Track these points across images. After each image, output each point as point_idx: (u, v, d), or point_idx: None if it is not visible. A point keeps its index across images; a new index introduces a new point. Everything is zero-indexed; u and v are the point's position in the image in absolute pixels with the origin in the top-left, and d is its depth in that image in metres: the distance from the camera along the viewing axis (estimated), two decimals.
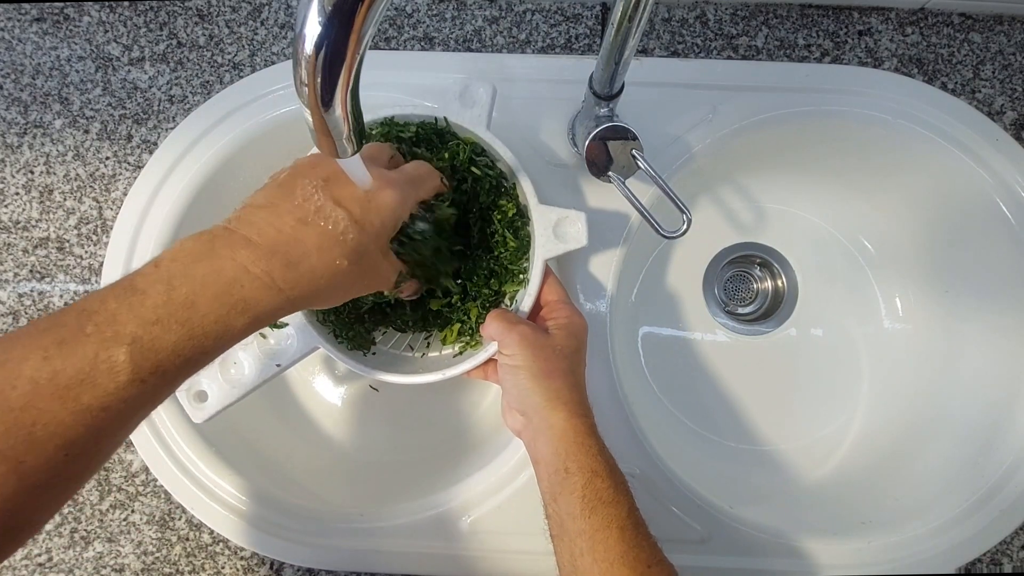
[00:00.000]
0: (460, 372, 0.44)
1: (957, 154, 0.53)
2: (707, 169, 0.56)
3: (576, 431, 0.37)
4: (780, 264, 0.64)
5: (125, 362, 0.26)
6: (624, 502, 0.36)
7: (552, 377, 0.39)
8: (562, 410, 0.38)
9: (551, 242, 0.43)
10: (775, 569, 0.50)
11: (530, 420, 0.39)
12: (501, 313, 0.42)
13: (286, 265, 0.31)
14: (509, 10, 0.56)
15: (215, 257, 0.30)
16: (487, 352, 0.43)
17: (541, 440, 0.38)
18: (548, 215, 0.43)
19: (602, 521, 0.35)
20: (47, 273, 0.55)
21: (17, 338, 0.27)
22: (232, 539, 0.51)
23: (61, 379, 0.26)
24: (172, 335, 0.28)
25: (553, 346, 0.40)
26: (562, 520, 0.36)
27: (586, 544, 0.35)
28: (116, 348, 0.26)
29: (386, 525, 0.50)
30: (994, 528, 0.50)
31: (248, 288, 0.30)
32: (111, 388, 0.26)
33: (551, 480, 0.37)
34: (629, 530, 0.35)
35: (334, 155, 0.29)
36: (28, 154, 0.55)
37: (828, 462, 0.60)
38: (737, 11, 0.56)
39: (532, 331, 0.40)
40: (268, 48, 0.56)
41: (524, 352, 0.39)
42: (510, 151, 0.44)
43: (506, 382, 0.40)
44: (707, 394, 0.62)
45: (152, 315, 0.27)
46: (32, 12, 0.56)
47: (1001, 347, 0.56)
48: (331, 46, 0.23)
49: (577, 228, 0.43)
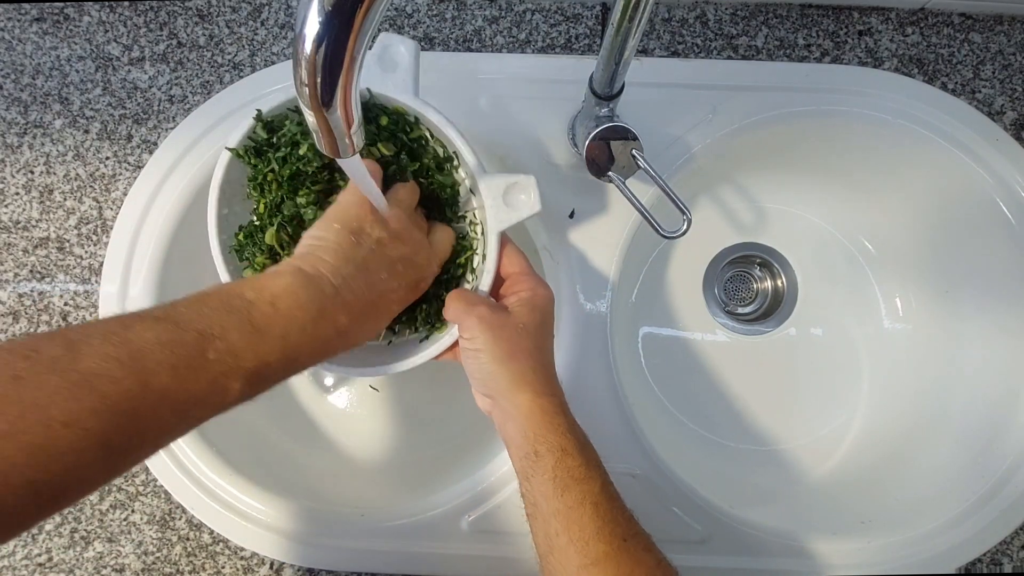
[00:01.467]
0: (426, 359, 0.42)
1: (957, 154, 0.53)
2: (707, 169, 0.56)
3: (543, 411, 0.36)
4: (780, 264, 0.64)
5: (238, 390, 0.30)
6: (597, 477, 0.35)
7: (516, 358, 0.37)
8: (527, 391, 0.37)
9: (503, 211, 0.40)
10: (775, 569, 0.50)
11: (497, 403, 0.38)
12: (460, 293, 0.41)
13: (360, 327, 0.37)
14: (509, 10, 0.56)
15: (324, 320, 0.34)
16: (452, 335, 0.41)
17: (509, 422, 0.37)
18: (495, 183, 0.40)
19: (575, 499, 0.34)
20: (47, 273, 0.55)
21: (140, 350, 0.28)
22: (232, 539, 0.51)
23: (180, 397, 0.28)
24: (277, 376, 0.33)
25: (515, 325, 0.38)
26: (536, 500, 0.35)
27: (561, 524, 0.34)
28: (234, 380, 0.30)
29: (386, 525, 0.50)
30: (994, 528, 0.50)
31: (334, 344, 0.36)
32: (219, 405, 0.30)
33: (522, 462, 0.36)
34: (603, 505, 0.34)
35: (333, 155, 0.29)
36: (28, 154, 0.55)
37: (828, 462, 0.60)
38: (737, 11, 0.56)
39: (491, 311, 0.38)
40: (268, 48, 0.56)
41: (484, 335, 0.37)
42: (444, 116, 0.41)
43: (469, 366, 0.39)
44: (707, 394, 0.62)
45: (268, 357, 0.31)
46: (32, 12, 0.56)
47: (1001, 347, 0.56)
48: (331, 46, 0.23)
49: (528, 194, 0.40)
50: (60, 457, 0.25)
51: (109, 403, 0.26)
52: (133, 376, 0.27)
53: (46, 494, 0.25)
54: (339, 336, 0.35)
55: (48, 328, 0.54)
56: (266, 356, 0.31)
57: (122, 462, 0.28)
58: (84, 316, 0.54)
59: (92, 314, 0.54)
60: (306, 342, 0.33)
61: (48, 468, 0.25)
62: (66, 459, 0.25)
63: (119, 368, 0.27)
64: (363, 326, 0.37)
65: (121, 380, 0.27)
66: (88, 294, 0.54)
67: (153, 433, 0.28)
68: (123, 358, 0.27)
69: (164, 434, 0.29)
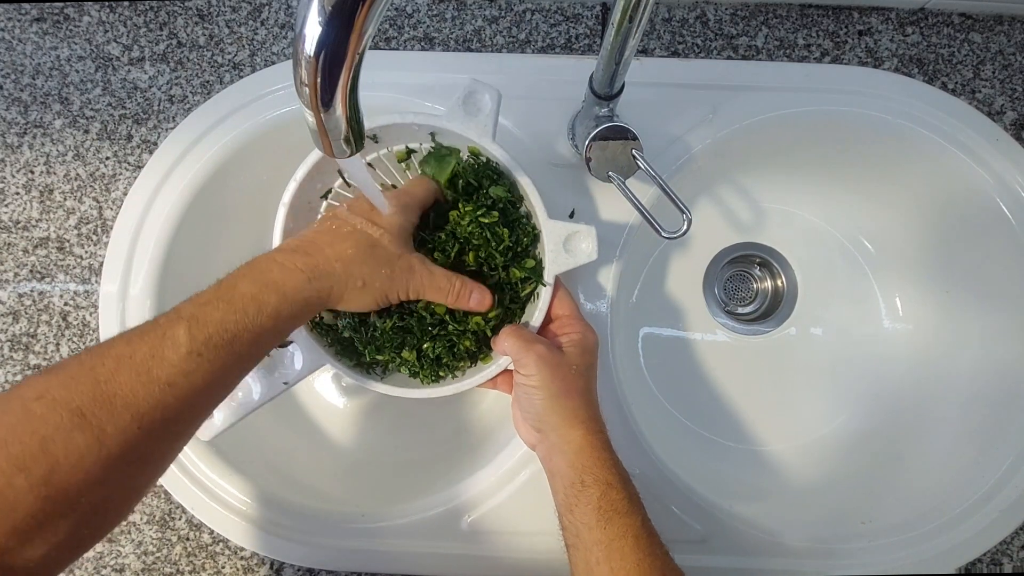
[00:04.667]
0: (473, 385, 0.44)
1: (957, 154, 0.53)
2: (707, 169, 0.56)
3: (592, 446, 0.39)
4: (780, 264, 0.64)
5: (184, 334, 0.32)
6: (638, 513, 0.37)
7: (569, 396, 0.40)
8: (580, 428, 0.39)
9: (561, 256, 0.44)
10: (775, 569, 0.50)
11: (546, 436, 0.40)
12: (516, 330, 0.43)
13: (305, 255, 0.38)
14: (509, 10, 0.56)
15: (255, 260, 0.38)
16: (499, 366, 0.44)
17: (557, 455, 0.39)
18: (558, 230, 0.44)
19: (618, 531, 0.36)
20: (47, 273, 0.55)
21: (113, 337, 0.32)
22: (232, 539, 0.51)
23: (138, 355, 0.31)
24: (218, 311, 0.34)
25: (568, 364, 0.41)
26: (578, 530, 0.37)
27: (602, 553, 0.36)
28: (177, 325, 0.32)
29: (386, 525, 0.50)
30: (994, 528, 0.50)
31: (275, 272, 0.37)
32: (174, 360, 0.31)
33: (567, 492, 0.38)
34: (643, 539, 0.36)
35: (333, 156, 0.29)
36: (28, 154, 0.55)
37: (828, 462, 0.60)
38: (737, 11, 0.56)
39: (548, 351, 0.41)
40: (268, 48, 0.56)
41: (542, 372, 0.40)
42: (517, 163, 0.44)
43: (523, 400, 0.41)
44: (707, 394, 0.62)
45: (204, 299, 0.34)
46: (32, 12, 0.56)
47: (1001, 347, 0.56)
48: (331, 46, 0.23)
49: (588, 243, 0.44)
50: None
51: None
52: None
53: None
54: (275, 263, 0.37)
55: (48, 328, 0.54)
56: (202, 299, 0.35)
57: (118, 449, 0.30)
58: (84, 316, 0.54)
59: (92, 314, 0.54)
60: (239, 276, 0.36)
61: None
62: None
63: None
64: (304, 257, 0.38)
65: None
66: (88, 294, 0.54)
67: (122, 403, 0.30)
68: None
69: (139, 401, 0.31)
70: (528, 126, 0.52)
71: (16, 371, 0.54)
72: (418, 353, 0.46)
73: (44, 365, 0.54)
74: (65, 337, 0.54)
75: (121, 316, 0.51)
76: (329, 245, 0.39)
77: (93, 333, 0.54)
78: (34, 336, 0.54)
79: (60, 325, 0.54)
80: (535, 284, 0.45)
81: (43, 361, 0.54)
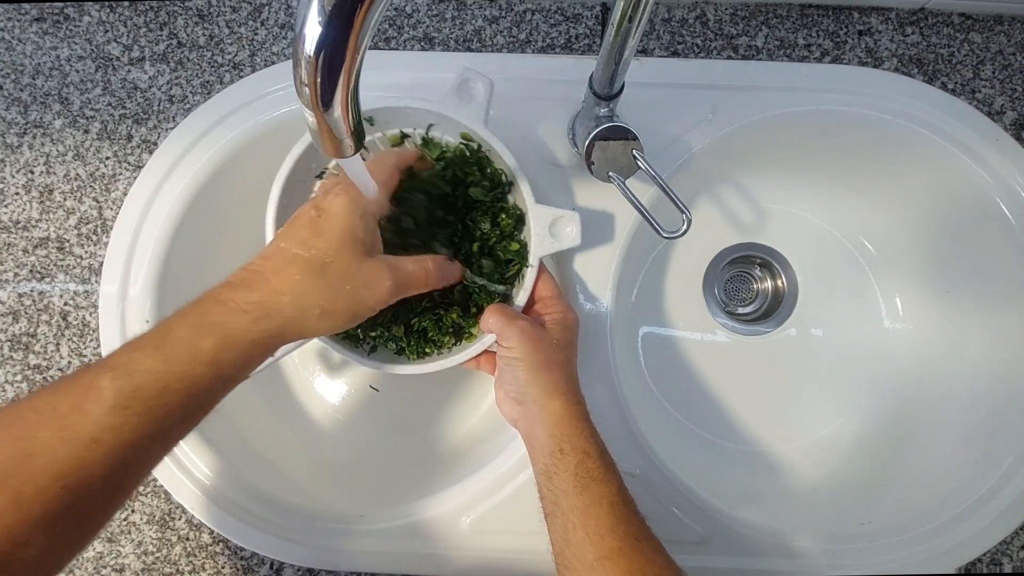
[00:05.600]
0: (457, 362, 0.45)
1: (957, 154, 0.53)
2: (707, 169, 0.56)
3: (571, 416, 0.40)
4: (780, 264, 0.64)
5: (108, 386, 0.29)
6: (614, 480, 0.38)
7: (550, 369, 0.41)
8: (559, 399, 0.41)
9: (547, 240, 0.46)
10: (775, 570, 0.50)
11: (528, 408, 0.41)
12: (500, 308, 0.45)
13: (249, 289, 0.35)
14: (509, 10, 0.56)
15: (198, 299, 0.34)
16: (483, 343, 0.45)
17: (538, 426, 0.40)
18: (545, 214, 0.46)
19: (593, 497, 0.37)
20: (47, 273, 0.55)
21: (38, 389, 0.30)
22: (232, 539, 0.51)
23: (60, 409, 0.28)
24: (148, 359, 0.31)
25: (550, 340, 0.43)
26: (556, 497, 0.38)
27: (578, 519, 0.37)
28: (102, 374, 0.29)
29: (386, 525, 0.50)
30: (994, 528, 0.50)
31: (215, 313, 0.34)
32: (98, 414, 0.28)
33: (546, 461, 0.39)
34: (619, 506, 0.37)
35: (333, 155, 0.29)
36: (28, 154, 0.55)
37: (828, 462, 0.60)
38: (737, 11, 0.56)
39: (531, 326, 0.43)
40: (268, 48, 0.56)
41: (524, 345, 0.41)
42: (507, 148, 0.45)
43: (505, 373, 0.43)
44: (707, 394, 0.62)
45: (136, 344, 0.31)
46: (32, 12, 0.56)
47: (1001, 347, 0.56)
48: (331, 46, 0.23)
49: (572, 228, 0.46)
50: None
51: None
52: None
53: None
54: (215, 303, 0.34)
55: (48, 328, 0.54)
56: (132, 345, 0.32)
57: (40, 509, 0.28)
58: (84, 316, 0.54)
59: (92, 314, 0.54)
60: (175, 319, 0.33)
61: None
62: None
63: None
64: (247, 293, 0.35)
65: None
66: (88, 294, 0.54)
67: (42, 461, 0.28)
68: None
69: (61, 459, 0.28)
70: (528, 126, 0.52)
71: (16, 371, 0.54)
72: (406, 328, 0.47)
73: (44, 365, 0.54)
74: (65, 337, 0.54)
75: (121, 316, 0.51)
76: (275, 274, 0.35)
77: (93, 333, 0.54)
78: (34, 336, 0.54)
79: (60, 325, 0.54)
80: (519, 266, 0.47)
81: (43, 361, 0.54)
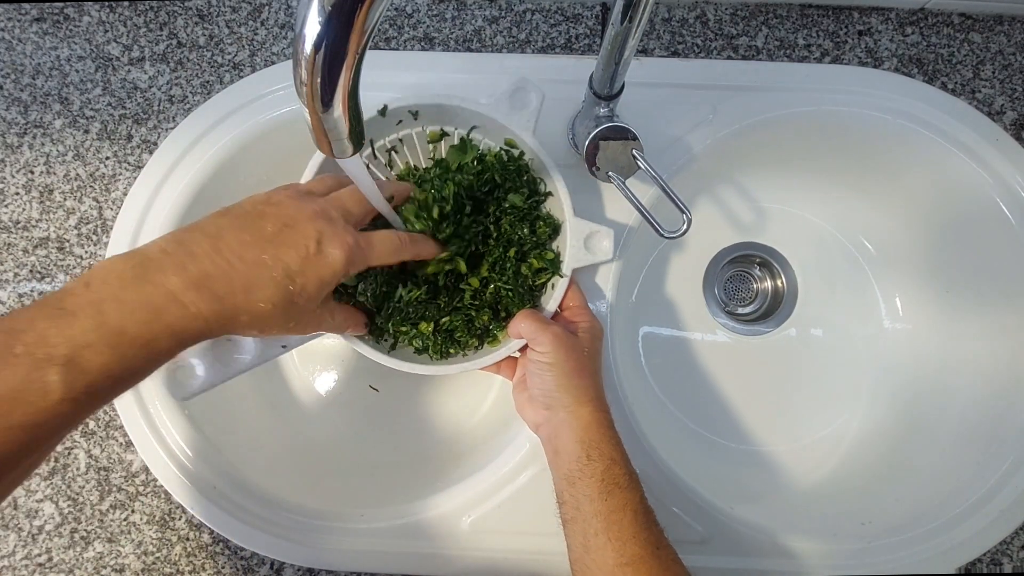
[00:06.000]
0: (481, 365, 0.45)
1: (957, 154, 0.53)
2: (707, 169, 0.56)
3: (599, 423, 0.41)
4: (780, 264, 0.64)
5: (57, 383, 0.27)
6: (637, 489, 0.39)
7: (581, 376, 0.42)
8: (588, 405, 0.41)
9: (581, 253, 0.46)
10: (775, 570, 0.50)
11: (555, 413, 0.42)
12: (532, 313, 0.45)
13: (212, 299, 0.31)
14: (509, 10, 0.56)
15: (146, 283, 0.30)
16: (508, 348, 0.45)
17: (565, 431, 0.41)
18: (582, 228, 0.46)
19: (618, 503, 0.38)
20: (47, 273, 0.55)
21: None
22: (232, 539, 0.51)
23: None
24: (102, 357, 0.29)
25: (581, 347, 0.43)
26: (579, 503, 0.39)
27: (601, 524, 0.37)
28: (48, 369, 0.27)
29: (387, 525, 0.50)
30: (994, 528, 0.50)
31: (174, 316, 0.31)
32: (42, 407, 0.27)
33: (571, 467, 0.40)
34: (641, 514, 0.38)
35: (332, 156, 0.29)
36: (28, 154, 0.55)
37: (828, 462, 0.60)
38: (737, 11, 0.56)
39: (564, 332, 0.43)
40: (268, 48, 0.56)
41: (557, 352, 0.42)
42: (551, 159, 0.46)
43: (534, 378, 0.43)
44: (707, 394, 0.62)
45: (83, 339, 0.28)
46: (32, 12, 0.56)
47: (1001, 347, 0.56)
48: (331, 46, 0.23)
49: (607, 243, 0.47)
50: None
51: None
52: None
53: None
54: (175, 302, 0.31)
55: None
56: (79, 337, 0.28)
57: None
58: None
59: None
60: (128, 313, 0.29)
61: None
62: None
63: None
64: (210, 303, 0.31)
65: None
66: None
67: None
68: None
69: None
70: None
71: None
72: (435, 325, 0.46)
73: None
74: None
75: None
76: (245, 291, 0.32)
77: None
78: None
79: None
80: (551, 275, 0.47)
81: None
